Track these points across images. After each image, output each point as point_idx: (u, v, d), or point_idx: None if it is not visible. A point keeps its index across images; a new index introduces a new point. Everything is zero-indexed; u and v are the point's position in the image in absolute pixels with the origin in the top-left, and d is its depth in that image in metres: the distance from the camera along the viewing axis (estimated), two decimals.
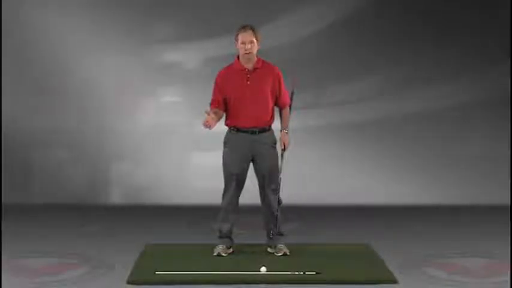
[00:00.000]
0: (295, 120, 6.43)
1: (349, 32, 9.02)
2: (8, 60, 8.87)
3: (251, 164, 6.30)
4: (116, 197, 9.04)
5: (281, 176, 6.27)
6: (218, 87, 6.25)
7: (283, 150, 6.32)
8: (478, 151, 9.05)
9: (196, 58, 9.01)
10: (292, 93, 6.33)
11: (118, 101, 9.03)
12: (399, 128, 9.08)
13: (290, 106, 6.35)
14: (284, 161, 6.27)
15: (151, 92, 9.09)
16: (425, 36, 9.04)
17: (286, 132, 6.32)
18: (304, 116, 8.59)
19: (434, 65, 9.06)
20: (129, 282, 5.57)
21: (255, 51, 6.18)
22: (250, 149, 6.23)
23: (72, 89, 9.00)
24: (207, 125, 6.07)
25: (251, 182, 6.34)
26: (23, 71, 8.94)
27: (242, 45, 6.15)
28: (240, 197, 6.35)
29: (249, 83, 6.19)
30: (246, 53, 6.15)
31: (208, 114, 6.06)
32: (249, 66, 6.21)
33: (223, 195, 6.34)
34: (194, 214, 8.35)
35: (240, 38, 6.15)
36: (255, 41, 6.15)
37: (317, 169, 8.97)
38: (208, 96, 6.33)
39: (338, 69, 9.03)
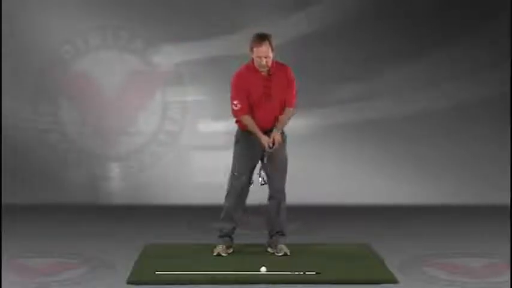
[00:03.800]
0: (295, 120, 6.43)
1: (349, 32, 9.02)
2: (8, 60, 8.86)
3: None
4: (116, 197, 9.03)
5: (263, 172, 6.23)
6: (239, 90, 6.13)
7: (271, 148, 6.18)
8: (477, 151, 9.05)
9: (196, 58, 9.00)
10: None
11: (118, 101, 9.03)
12: (399, 128, 9.08)
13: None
14: (266, 158, 6.21)
15: (151, 92, 9.08)
16: (426, 37, 9.04)
17: (279, 132, 6.24)
18: (304, 116, 8.59)
19: (434, 65, 9.06)
20: (129, 282, 5.57)
21: (270, 63, 6.09)
22: (262, 148, 6.21)
23: (73, 89, 9.01)
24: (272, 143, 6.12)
25: (251, 182, 6.34)
26: (23, 70, 8.94)
27: (258, 59, 6.06)
28: None
29: (266, 89, 6.15)
30: (262, 67, 6.10)
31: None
32: (265, 71, 6.16)
33: (228, 193, 6.32)
34: (194, 214, 8.35)
35: (256, 52, 6.04)
36: (271, 54, 6.06)
37: (317, 169, 8.97)
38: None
39: (338, 69, 9.03)
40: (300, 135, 6.35)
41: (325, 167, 9.02)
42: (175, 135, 9.09)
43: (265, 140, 6.12)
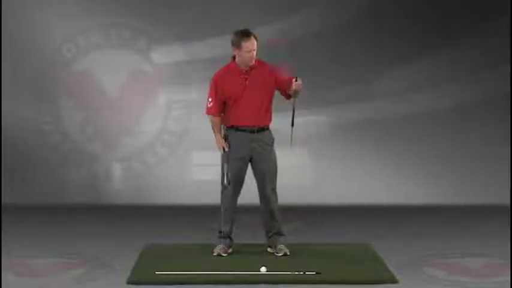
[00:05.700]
0: (295, 120, 6.42)
1: (349, 32, 9.03)
2: (8, 60, 8.87)
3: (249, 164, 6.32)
4: (116, 197, 9.03)
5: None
6: (216, 90, 6.23)
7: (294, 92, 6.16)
8: (478, 151, 9.05)
9: (197, 58, 9.01)
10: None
11: (118, 101, 9.03)
12: (399, 128, 9.08)
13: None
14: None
15: (154, 91, 9.09)
16: (426, 37, 9.04)
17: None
18: (304, 116, 8.59)
19: (434, 66, 9.07)
20: (129, 282, 5.57)
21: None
22: (249, 148, 6.23)
23: (73, 89, 9.01)
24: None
25: (251, 182, 6.34)
26: (23, 70, 8.94)
27: (247, 54, 6.14)
28: (240, 197, 6.35)
29: (247, 82, 6.20)
30: (250, 60, 6.16)
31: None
32: (248, 65, 6.22)
33: (222, 195, 6.34)
34: (194, 214, 8.35)
35: (247, 46, 6.12)
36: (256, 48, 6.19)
37: (317, 169, 8.97)
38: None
39: (338, 70, 9.03)
40: (300, 135, 6.33)
41: (325, 167, 9.02)
42: (175, 134, 9.09)
43: (219, 142, 6.24)
